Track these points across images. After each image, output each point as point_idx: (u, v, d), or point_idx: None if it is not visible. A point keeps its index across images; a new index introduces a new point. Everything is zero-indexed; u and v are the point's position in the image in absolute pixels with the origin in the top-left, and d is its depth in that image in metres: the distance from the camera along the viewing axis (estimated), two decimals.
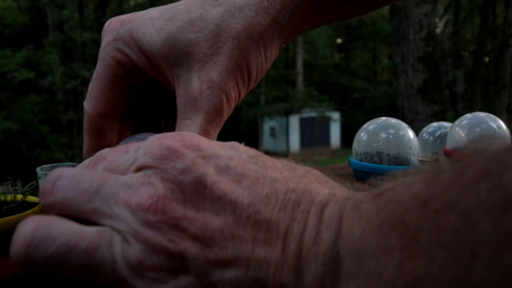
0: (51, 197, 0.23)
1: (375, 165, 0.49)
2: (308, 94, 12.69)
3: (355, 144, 0.52)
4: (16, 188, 0.34)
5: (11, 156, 10.62)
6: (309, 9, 0.34)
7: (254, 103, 11.95)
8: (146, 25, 0.32)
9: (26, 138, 9.82)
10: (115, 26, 0.32)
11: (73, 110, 10.09)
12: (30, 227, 0.22)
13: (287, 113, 12.92)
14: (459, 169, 0.17)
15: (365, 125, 0.52)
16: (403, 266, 0.17)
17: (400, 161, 0.49)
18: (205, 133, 0.32)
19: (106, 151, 0.26)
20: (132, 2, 11.99)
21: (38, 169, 0.44)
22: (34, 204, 0.35)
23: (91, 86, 0.33)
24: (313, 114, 12.59)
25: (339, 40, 14.95)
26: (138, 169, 0.23)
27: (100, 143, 0.34)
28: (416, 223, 0.17)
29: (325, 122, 13.20)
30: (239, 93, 0.33)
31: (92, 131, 0.33)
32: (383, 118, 0.53)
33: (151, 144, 0.23)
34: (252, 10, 0.32)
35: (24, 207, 0.34)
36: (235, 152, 0.23)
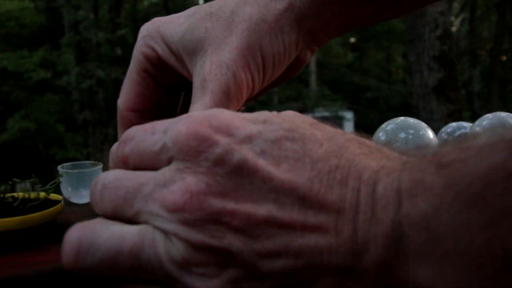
0: (102, 208, 0.24)
1: None
2: (321, 94, 12.62)
3: None
4: (39, 185, 0.35)
5: (28, 154, 10.80)
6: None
7: (267, 102, 11.93)
8: (172, 20, 0.33)
9: (43, 137, 9.97)
10: (146, 26, 0.34)
11: (88, 110, 10.21)
12: (75, 237, 0.23)
13: (300, 113, 12.87)
14: None
15: (383, 125, 0.52)
16: (491, 244, 0.15)
17: None
18: None
19: (133, 131, 0.25)
20: (146, 3, 12.07)
21: (59, 167, 0.44)
22: (56, 202, 0.35)
23: (124, 82, 0.34)
24: (326, 114, 12.52)
25: (352, 39, 14.83)
26: (170, 161, 0.23)
27: None
28: (503, 199, 0.15)
29: (338, 122, 13.12)
30: (252, 77, 0.31)
31: (123, 125, 0.34)
32: (402, 118, 0.53)
33: (179, 133, 0.22)
34: None
35: (47, 204, 0.34)
36: (269, 128, 0.22)
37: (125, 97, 0.34)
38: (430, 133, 0.49)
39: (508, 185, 0.15)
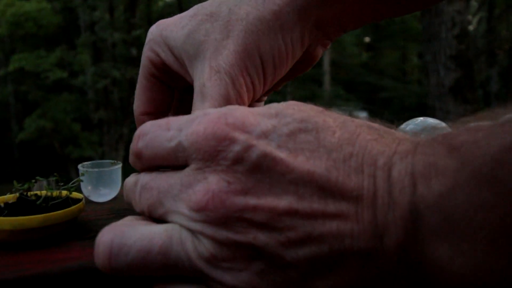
0: (140, 207, 0.26)
1: None
2: (335, 94, 12.55)
3: None
4: (61, 184, 0.35)
5: (44, 153, 10.99)
6: None
7: (280, 102, 11.89)
8: (175, 23, 0.32)
9: (59, 136, 10.13)
10: (151, 29, 0.33)
11: (103, 109, 10.34)
12: (106, 240, 0.24)
13: None
14: None
15: (403, 125, 0.51)
16: (504, 221, 0.16)
17: None
18: None
19: (147, 126, 0.26)
20: (160, 3, 12.17)
21: (79, 166, 0.45)
22: (78, 200, 0.35)
23: (136, 87, 0.34)
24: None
25: (367, 39, 14.72)
26: (187, 160, 0.23)
27: None
28: None
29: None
30: (252, 80, 0.30)
31: None
32: (421, 118, 0.52)
33: (196, 134, 0.23)
34: None
35: (69, 202, 0.35)
36: (283, 121, 0.22)
37: (138, 102, 0.34)
38: None
39: None
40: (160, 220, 0.25)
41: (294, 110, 0.23)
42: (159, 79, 0.34)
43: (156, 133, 0.25)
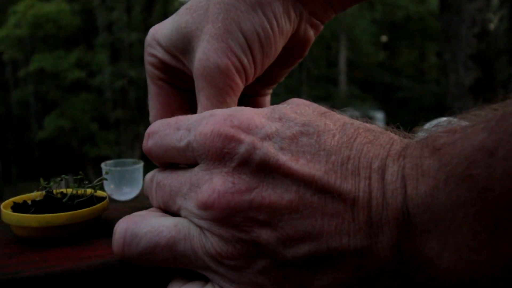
0: (155, 203, 0.28)
1: None
2: (351, 93, 12.46)
3: None
4: (86, 182, 0.36)
5: (62, 151, 11.19)
6: None
7: None
8: (163, 24, 0.33)
9: (77, 134, 10.30)
10: (146, 38, 0.34)
11: (120, 108, 10.48)
12: (121, 229, 0.26)
13: None
14: None
15: (426, 125, 0.50)
16: (481, 215, 0.17)
17: None
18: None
19: (157, 125, 0.27)
20: (176, 3, 12.27)
21: (102, 165, 0.45)
22: (102, 198, 0.36)
23: (148, 98, 0.35)
24: (356, 114, 12.32)
25: (383, 38, 14.57)
26: (196, 159, 0.24)
27: None
28: (485, 174, 0.17)
29: (368, 122, 12.85)
30: (239, 60, 0.29)
31: None
32: (444, 118, 0.51)
33: (204, 135, 0.23)
34: None
35: (93, 201, 0.35)
36: (286, 125, 0.23)
37: (153, 111, 0.34)
38: None
39: (488, 162, 0.17)
40: (174, 215, 0.26)
41: (296, 114, 0.24)
42: (166, 81, 0.34)
43: (166, 131, 0.26)
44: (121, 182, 0.45)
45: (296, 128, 0.23)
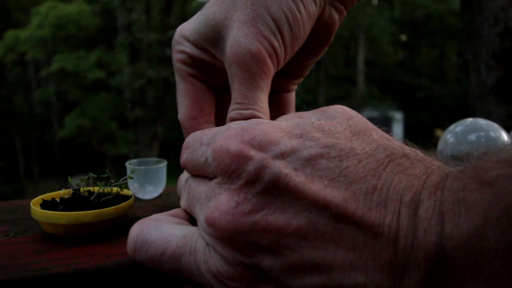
0: (182, 204, 0.28)
1: None
2: (369, 93, 12.33)
3: (441, 146, 0.50)
4: (112, 180, 0.36)
5: (82, 150, 11.39)
6: None
7: (313, 102, 11.83)
8: (189, 21, 0.33)
9: (96, 133, 10.47)
10: (173, 37, 0.34)
11: (139, 108, 10.60)
12: (135, 233, 0.26)
13: None
14: None
15: (451, 127, 0.49)
16: None
17: None
18: (244, 98, 0.29)
19: (190, 139, 0.27)
20: (194, 4, 12.35)
21: (127, 164, 0.46)
22: (127, 197, 0.36)
23: (177, 96, 0.34)
24: (374, 114, 12.21)
25: (403, 37, 14.37)
26: (214, 173, 0.23)
27: None
28: None
29: (387, 122, 12.76)
30: (270, 43, 0.29)
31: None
32: (471, 119, 0.50)
33: (216, 150, 0.23)
34: None
35: (119, 199, 0.35)
36: (305, 144, 0.21)
37: (182, 108, 0.34)
38: (504, 135, 0.46)
39: None
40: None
41: (322, 133, 0.21)
42: (196, 77, 0.34)
43: (194, 147, 0.26)
44: (145, 181, 0.46)
45: (316, 149, 0.21)
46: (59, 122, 11.29)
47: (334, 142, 0.21)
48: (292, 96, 0.39)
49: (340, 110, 0.24)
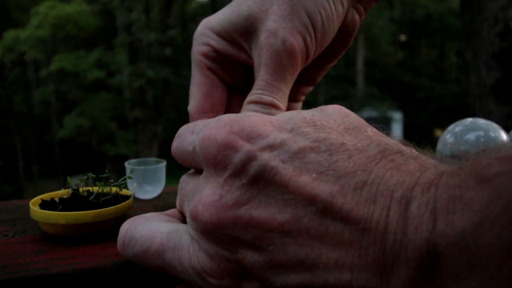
0: (176, 202, 0.28)
1: None
2: (369, 93, 12.33)
3: (440, 146, 0.50)
4: (111, 180, 0.36)
5: (81, 150, 11.39)
6: None
7: (312, 102, 11.84)
8: (217, 13, 0.33)
9: (96, 133, 10.46)
10: (196, 30, 0.34)
11: (139, 108, 10.60)
12: (124, 229, 0.26)
13: None
14: None
15: (450, 127, 0.49)
16: None
17: None
18: (268, 86, 0.30)
19: (182, 129, 0.27)
20: (194, 4, 12.34)
21: (126, 164, 0.46)
22: (126, 197, 0.36)
23: (190, 88, 0.34)
24: (374, 114, 12.21)
25: (402, 37, 14.38)
26: (201, 164, 0.23)
27: None
28: None
29: (387, 122, 12.75)
30: (303, 39, 0.30)
31: None
32: (470, 119, 0.50)
33: (203, 139, 0.22)
34: None
35: (118, 199, 0.35)
36: (294, 138, 0.21)
37: (194, 101, 0.33)
38: (503, 135, 0.46)
39: None
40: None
41: (313, 128, 0.21)
42: (213, 71, 0.34)
43: (185, 135, 0.26)
44: (144, 181, 0.46)
45: (305, 143, 0.20)
46: (58, 122, 11.29)
47: (324, 136, 0.21)
48: (299, 107, 0.39)
49: (338, 109, 0.24)
